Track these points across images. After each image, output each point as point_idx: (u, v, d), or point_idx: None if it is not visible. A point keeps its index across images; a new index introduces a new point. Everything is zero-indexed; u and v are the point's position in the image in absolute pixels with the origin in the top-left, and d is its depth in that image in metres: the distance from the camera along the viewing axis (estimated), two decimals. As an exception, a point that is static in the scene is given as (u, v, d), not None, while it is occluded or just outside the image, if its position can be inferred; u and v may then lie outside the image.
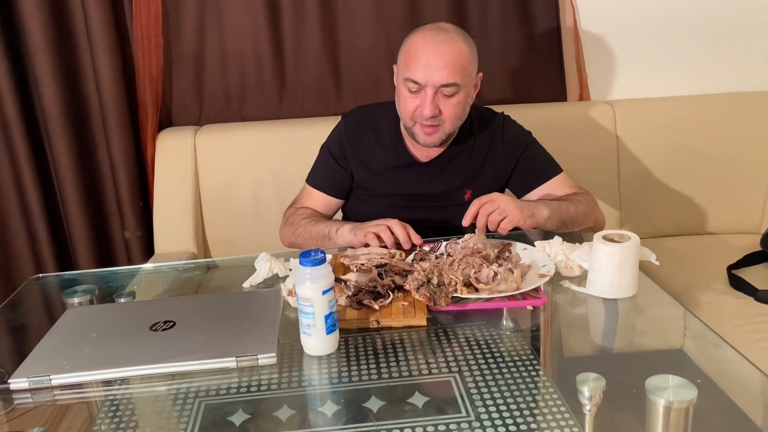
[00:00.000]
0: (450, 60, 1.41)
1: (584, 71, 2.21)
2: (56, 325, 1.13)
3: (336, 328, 1.04)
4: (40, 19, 1.89)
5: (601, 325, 1.16)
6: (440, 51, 1.41)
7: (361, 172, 1.61)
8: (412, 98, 1.46)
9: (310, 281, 0.99)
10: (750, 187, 2.17)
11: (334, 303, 1.03)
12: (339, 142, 1.62)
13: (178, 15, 2.03)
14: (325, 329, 1.02)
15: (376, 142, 1.60)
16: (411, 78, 1.43)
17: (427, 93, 1.42)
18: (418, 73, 1.42)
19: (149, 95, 2.02)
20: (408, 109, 1.47)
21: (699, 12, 2.20)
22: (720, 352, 1.03)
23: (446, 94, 1.43)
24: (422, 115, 1.44)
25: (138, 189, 2.08)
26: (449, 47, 1.42)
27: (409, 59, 1.44)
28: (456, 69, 1.41)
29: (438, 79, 1.41)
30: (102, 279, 1.45)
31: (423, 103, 1.43)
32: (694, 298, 1.72)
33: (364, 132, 1.61)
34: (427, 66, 1.41)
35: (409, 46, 1.46)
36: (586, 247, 1.27)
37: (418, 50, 1.43)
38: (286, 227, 1.60)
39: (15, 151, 1.98)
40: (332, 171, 1.63)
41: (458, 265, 1.20)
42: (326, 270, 1.01)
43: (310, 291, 0.99)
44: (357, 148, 1.61)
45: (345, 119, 1.65)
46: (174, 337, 1.06)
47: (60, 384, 0.98)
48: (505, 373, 0.96)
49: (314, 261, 0.99)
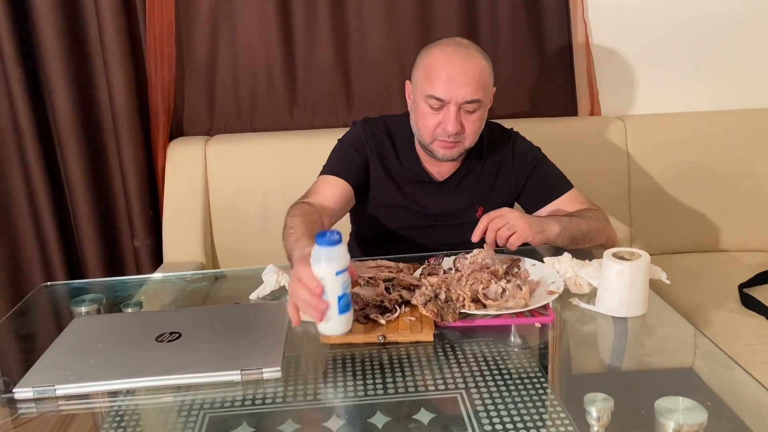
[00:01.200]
0: (473, 77, 1.40)
1: (595, 86, 2.20)
2: (62, 335, 1.13)
3: (349, 310, 1.05)
4: (54, 28, 1.91)
5: (610, 344, 1.15)
6: (464, 67, 1.40)
7: (376, 170, 1.58)
8: (433, 115, 1.44)
9: (324, 262, 1.00)
10: (762, 205, 2.15)
11: (348, 284, 1.03)
12: (357, 139, 1.58)
13: (191, 26, 2.04)
14: (338, 309, 1.02)
15: (393, 151, 1.59)
16: (434, 95, 1.41)
17: (450, 110, 1.41)
18: (441, 90, 1.40)
19: (161, 105, 2.03)
20: (429, 126, 1.45)
21: (711, 28, 2.20)
22: (731, 373, 1.01)
23: (468, 111, 1.43)
24: (445, 132, 1.43)
25: (148, 198, 2.09)
26: (472, 63, 1.41)
27: (430, 76, 1.42)
28: (479, 86, 1.41)
29: (462, 96, 1.40)
30: (110, 288, 1.45)
31: (446, 120, 1.42)
32: (705, 316, 1.70)
33: (381, 137, 1.59)
34: (451, 83, 1.40)
35: (430, 62, 1.44)
36: (596, 265, 1.26)
37: (440, 66, 1.41)
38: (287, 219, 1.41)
39: (27, 158, 1.99)
40: (351, 158, 1.57)
41: (466, 280, 1.19)
42: (340, 251, 1.01)
43: (324, 271, 1.00)
44: (375, 147, 1.58)
45: (360, 125, 1.61)
46: (179, 348, 1.06)
47: (64, 394, 0.97)
48: (513, 390, 0.95)
49: (329, 241, 1.00)
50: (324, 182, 1.55)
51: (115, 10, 1.92)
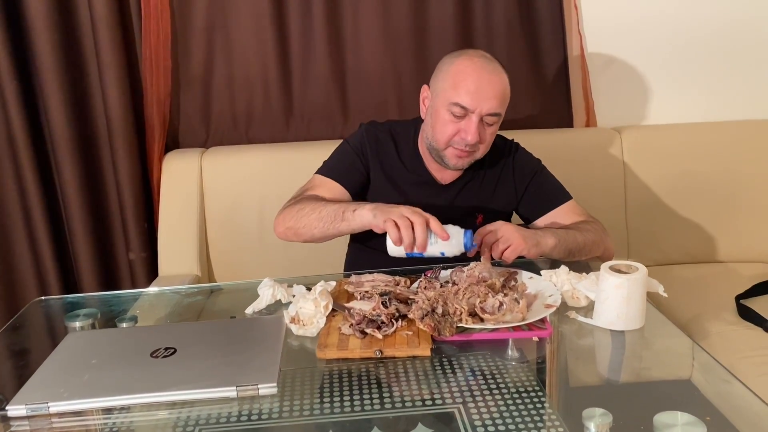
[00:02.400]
0: (500, 90, 1.44)
1: (591, 98, 2.21)
2: (56, 350, 1.12)
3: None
4: (50, 41, 1.90)
5: (608, 358, 1.14)
6: (491, 80, 1.43)
7: (377, 176, 1.58)
8: (453, 123, 1.45)
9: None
10: (759, 216, 2.16)
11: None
12: (360, 142, 1.60)
13: (186, 38, 2.04)
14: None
15: (396, 155, 1.60)
16: (459, 103, 1.42)
17: (473, 120, 1.43)
18: (467, 99, 1.42)
19: (156, 117, 2.03)
20: (447, 132, 1.46)
21: (706, 39, 2.21)
22: (729, 387, 1.01)
23: (488, 123, 1.45)
24: (463, 140, 1.44)
25: (143, 210, 2.08)
26: (498, 78, 1.44)
27: (458, 83, 1.43)
28: (502, 100, 1.45)
29: (487, 108, 1.42)
30: (105, 302, 1.44)
31: (467, 129, 1.43)
32: (703, 328, 1.70)
33: (385, 141, 1.60)
34: (478, 93, 1.41)
35: (457, 70, 1.45)
36: (593, 278, 1.25)
37: (469, 76, 1.43)
38: (285, 212, 1.48)
39: (22, 170, 1.98)
40: (351, 163, 1.58)
41: (463, 294, 1.18)
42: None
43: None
44: (377, 152, 1.59)
45: (365, 127, 1.62)
46: (174, 364, 1.05)
47: (58, 411, 0.96)
48: (510, 405, 0.94)
49: None
50: (321, 184, 1.55)
51: (111, 23, 1.92)
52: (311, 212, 1.42)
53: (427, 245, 1.27)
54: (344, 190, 1.55)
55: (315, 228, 1.41)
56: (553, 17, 2.11)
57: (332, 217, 1.38)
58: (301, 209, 1.44)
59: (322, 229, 1.40)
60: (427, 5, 2.08)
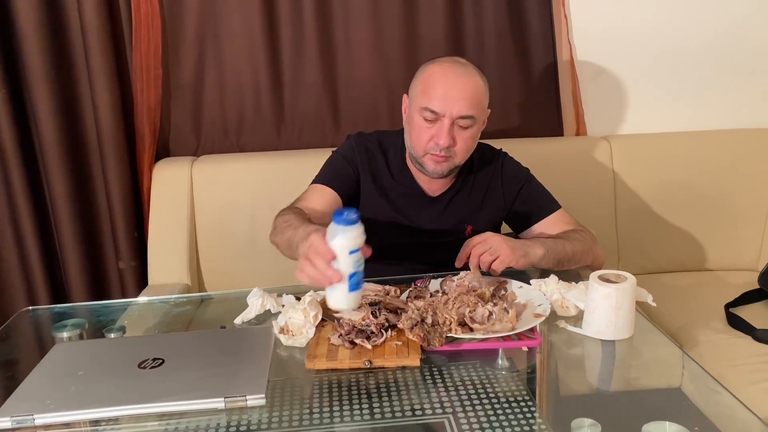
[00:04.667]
0: (469, 93, 1.43)
1: (581, 106, 2.22)
2: (43, 361, 1.11)
3: (360, 288, 1.07)
4: (39, 48, 1.89)
5: (597, 367, 1.14)
6: (460, 83, 1.43)
7: (368, 183, 1.58)
8: (426, 128, 1.46)
9: (338, 239, 1.02)
10: (747, 224, 2.17)
11: (360, 264, 1.05)
12: (350, 151, 1.60)
13: (177, 46, 2.04)
14: (348, 286, 1.04)
15: (386, 166, 1.60)
16: (429, 107, 1.43)
17: (444, 123, 1.43)
18: (436, 103, 1.42)
19: (147, 125, 2.03)
20: (422, 138, 1.47)
21: (697, 48, 2.22)
22: (718, 397, 1.01)
23: (462, 126, 1.45)
24: (437, 145, 1.44)
25: (133, 219, 2.07)
26: (468, 80, 1.44)
27: (427, 88, 1.45)
28: (474, 102, 1.43)
29: (456, 111, 1.42)
30: (93, 312, 1.43)
31: (439, 133, 1.44)
32: (692, 336, 1.70)
33: (374, 151, 1.61)
34: (446, 96, 1.42)
35: (427, 75, 1.47)
36: (582, 287, 1.26)
37: (438, 80, 1.44)
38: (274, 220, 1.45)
39: (11, 178, 1.97)
40: (342, 169, 1.58)
41: (453, 303, 1.18)
42: (356, 232, 1.03)
43: (338, 249, 1.02)
44: (367, 161, 1.59)
45: (355, 138, 1.63)
46: (162, 375, 1.04)
47: (44, 424, 0.95)
48: (500, 414, 0.94)
49: (345, 221, 1.02)
50: (312, 191, 1.56)
51: (101, 31, 1.91)
52: (284, 228, 1.35)
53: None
54: (335, 194, 1.55)
55: (285, 250, 1.36)
56: (543, 26, 2.12)
57: (288, 246, 1.32)
58: (277, 226, 1.41)
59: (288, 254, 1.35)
60: (417, 14, 2.08)
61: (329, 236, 1.04)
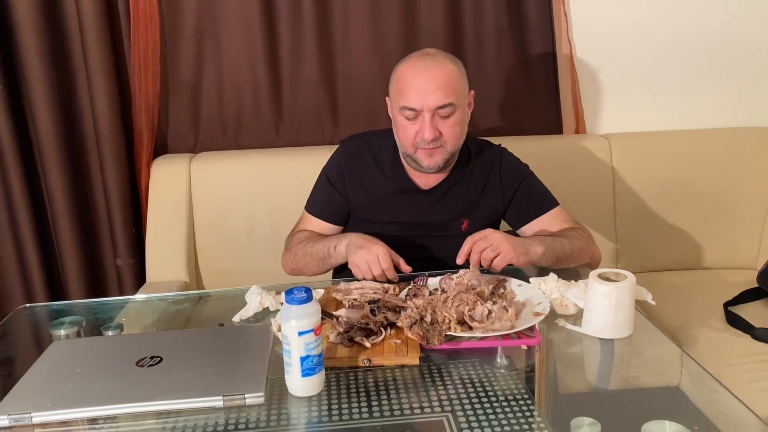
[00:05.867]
0: (442, 82, 1.43)
1: (580, 104, 2.22)
2: (40, 359, 1.10)
3: (315, 372, 1.00)
4: (37, 45, 1.89)
5: (596, 366, 1.14)
6: (430, 74, 1.43)
7: (358, 197, 1.60)
8: (410, 125, 1.47)
9: (289, 319, 0.97)
10: (746, 223, 2.17)
11: (314, 347, 0.98)
12: (337, 168, 1.62)
13: (176, 43, 2.03)
14: (300, 371, 0.99)
15: (376, 167, 1.60)
16: (406, 105, 1.44)
17: (425, 117, 1.43)
18: (412, 100, 1.43)
19: (145, 122, 2.02)
20: (408, 136, 1.48)
21: (696, 47, 2.22)
22: (717, 395, 1.01)
23: (443, 116, 1.45)
24: (423, 139, 1.45)
25: (131, 216, 2.06)
26: (438, 69, 1.44)
27: (401, 88, 1.46)
28: (449, 89, 1.43)
29: (433, 102, 1.42)
30: (91, 310, 1.43)
31: (422, 128, 1.44)
32: (691, 335, 1.70)
33: (363, 157, 1.61)
34: (420, 91, 1.42)
35: (399, 75, 1.48)
36: (582, 285, 1.25)
37: (409, 78, 1.45)
38: (286, 256, 1.60)
39: (8, 175, 1.96)
40: (329, 197, 1.62)
41: (452, 302, 1.18)
42: (306, 311, 0.97)
43: (287, 329, 0.98)
44: (356, 173, 1.60)
45: (344, 145, 1.65)
46: (160, 373, 1.04)
47: (41, 422, 0.95)
48: (499, 413, 0.94)
49: (295, 299, 0.97)
50: (307, 220, 1.64)
51: (100, 28, 1.90)
52: (305, 256, 1.54)
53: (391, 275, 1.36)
54: (329, 225, 1.63)
55: (314, 267, 1.54)
56: (543, 24, 2.11)
57: (321, 256, 1.51)
58: (296, 253, 1.56)
59: (319, 266, 1.53)
60: (416, 11, 2.08)
61: (282, 315, 0.98)
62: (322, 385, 1.02)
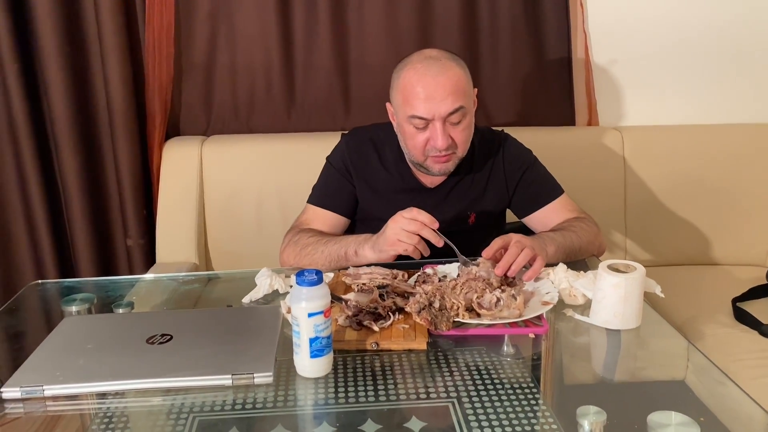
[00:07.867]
0: (451, 88, 1.38)
1: (594, 96, 2.21)
2: (52, 334, 1.12)
3: (324, 354, 1.00)
4: (53, 25, 1.90)
5: (603, 356, 1.14)
6: (439, 82, 1.38)
7: (364, 192, 1.58)
8: (420, 134, 1.43)
9: (300, 301, 0.98)
10: (756, 219, 2.16)
11: (324, 328, 0.99)
12: (343, 159, 1.59)
13: (190, 25, 2.04)
14: (309, 353, 0.99)
15: (380, 164, 1.58)
16: (416, 115, 1.40)
17: (436, 126, 1.40)
18: (422, 109, 1.39)
19: (158, 104, 2.03)
20: (418, 144, 1.44)
21: (710, 42, 2.20)
22: (724, 389, 1.01)
23: (454, 122, 1.41)
24: (435, 148, 1.41)
25: (142, 197, 2.08)
26: (446, 76, 1.39)
27: (408, 97, 1.41)
28: (459, 95, 1.39)
29: (444, 110, 1.38)
30: (102, 288, 1.44)
31: (434, 136, 1.40)
32: (698, 329, 1.70)
33: (366, 152, 1.59)
34: (430, 100, 1.38)
35: (404, 83, 1.42)
36: (591, 276, 1.25)
37: (416, 86, 1.40)
38: (288, 249, 1.50)
39: (21, 154, 1.98)
40: (339, 186, 1.58)
41: (461, 289, 1.18)
42: (317, 293, 0.98)
43: (297, 310, 0.98)
44: (360, 167, 1.58)
45: (346, 139, 1.61)
46: (170, 351, 1.05)
47: (53, 395, 0.96)
48: (505, 400, 0.94)
49: (306, 281, 0.98)
50: (312, 216, 1.57)
51: (115, 8, 1.91)
52: (314, 252, 1.44)
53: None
54: (339, 217, 1.57)
55: (323, 266, 1.42)
56: (559, 15, 2.10)
57: (337, 258, 1.41)
58: (303, 248, 1.46)
59: (329, 267, 1.42)
60: (432, 3, 2.07)
61: (292, 296, 0.99)
62: (330, 367, 1.03)
